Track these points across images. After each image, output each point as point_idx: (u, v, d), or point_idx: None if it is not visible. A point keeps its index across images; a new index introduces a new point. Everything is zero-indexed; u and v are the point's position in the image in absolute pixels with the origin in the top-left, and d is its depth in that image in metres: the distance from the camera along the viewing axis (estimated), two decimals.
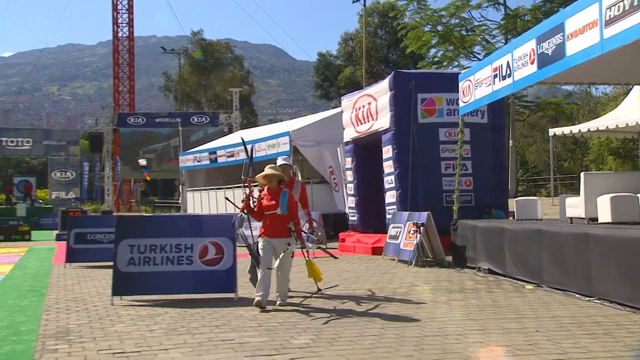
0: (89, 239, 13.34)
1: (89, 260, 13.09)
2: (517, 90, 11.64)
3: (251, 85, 63.88)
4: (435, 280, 9.95)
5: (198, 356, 5.04)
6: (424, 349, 5.27)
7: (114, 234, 8.40)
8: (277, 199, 7.45)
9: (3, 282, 10.50)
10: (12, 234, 23.09)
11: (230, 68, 60.29)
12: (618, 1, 7.37)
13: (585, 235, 8.17)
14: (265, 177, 7.58)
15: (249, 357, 5.01)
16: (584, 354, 5.01)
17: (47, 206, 36.47)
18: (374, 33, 53.29)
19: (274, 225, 7.43)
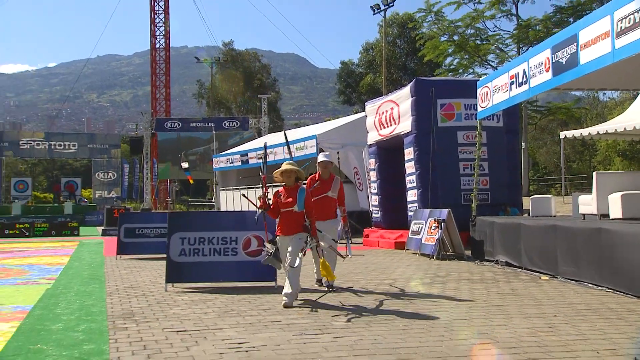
0: (137, 234, 13.56)
1: (137, 252, 13.32)
2: (532, 96, 11.73)
3: (277, 92, 63.84)
4: (456, 272, 9.94)
5: (252, 334, 5.25)
6: (453, 330, 5.43)
7: (167, 228, 8.62)
8: (295, 196, 6.86)
9: (65, 272, 10.68)
10: (63, 230, 23.44)
11: (258, 76, 60.32)
12: (629, 14, 7.39)
13: (598, 230, 8.15)
14: (283, 173, 6.96)
15: (297, 336, 5.25)
16: (600, 335, 5.11)
17: (91, 204, 37.00)
18: (393, 43, 53.02)
19: (290, 222, 6.89)
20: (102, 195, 39.60)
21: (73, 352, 4.70)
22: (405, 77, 50.68)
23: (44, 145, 37.45)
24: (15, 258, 13.50)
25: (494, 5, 28.47)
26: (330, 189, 8.07)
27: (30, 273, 10.46)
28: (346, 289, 7.98)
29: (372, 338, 5.10)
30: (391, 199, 16.82)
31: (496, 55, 29.63)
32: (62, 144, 38.34)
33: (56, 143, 38.17)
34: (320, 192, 7.99)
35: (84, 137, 40.42)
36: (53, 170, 73.88)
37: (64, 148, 38.38)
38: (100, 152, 39.40)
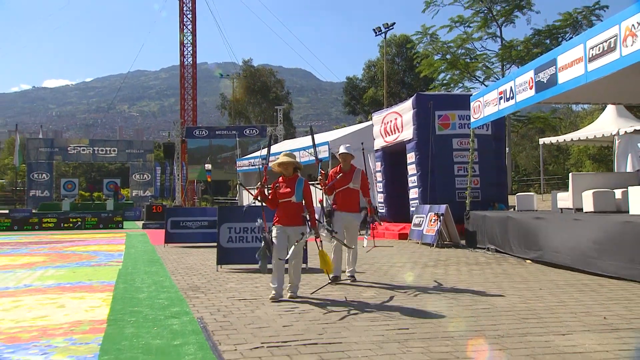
0: (181, 225, 13.66)
1: (181, 241, 13.50)
2: (518, 109, 12.03)
3: (290, 103, 63.95)
4: (454, 257, 10.17)
5: (300, 303, 5.74)
6: (458, 299, 5.88)
7: (217, 220, 9.07)
8: (293, 187, 6.08)
9: (127, 256, 10.96)
10: (109, 223, 23.56)
11: (274, 89, 60.44)
12: (599, 43, 7.73)
13: (574, 221, 8.43)
14: (281, 164, 6.16)
15: (336, 301, 5.79)
16: (577, 302, 5.58)
17: (129, 202, 37.36)
18: (392, 60, 52.86)
19: (289, 213, 6.07)
20: (138, 194, 39.88)
21: (164, 312, 5.26)
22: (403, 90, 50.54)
23: (88, 150, 37.84)
24: (80, 246, 13.83)
25: (481, 29, 28.50)
26: (352, 181, 7.19)
27: (98, 257, 10.80)
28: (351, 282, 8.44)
29: (399, 303, 5.65)
30: (395, 196, 16.77)
31: (483, 71, 29.59)
32: (103, 149, 38.69)
33: (99, 148, 38.53)
34: (342, 184, 7.17)
35: (122, 143, 40.81)
36: (91, 172, 74.21)
37: (106, 153, 38.73)
38: (136, 156, 39.66)
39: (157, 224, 23.47)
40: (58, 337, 4.29)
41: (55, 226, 22.59)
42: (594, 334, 4.30)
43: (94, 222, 23.49)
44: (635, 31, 6.98)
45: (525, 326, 4.60)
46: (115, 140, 42.07)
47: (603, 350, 3.85)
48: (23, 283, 7.24)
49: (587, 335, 4.27)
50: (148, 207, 26.54)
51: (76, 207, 31.47)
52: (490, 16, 28.22)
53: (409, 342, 4.14)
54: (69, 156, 38.06)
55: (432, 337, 4.26)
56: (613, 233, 7.38)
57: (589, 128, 19.35)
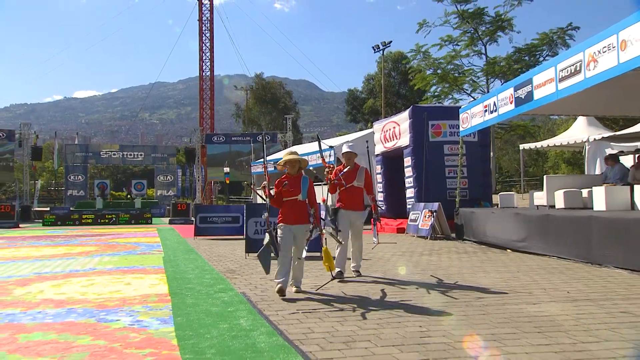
0: (209, 221, 14.05)
1: (209, 234, 13.82)
2: (500, 121, 12.39)
3: (297, 112, 64.45)
4: (446, 247, 10.57)
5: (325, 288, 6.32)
6: (450, 279, 6.44)
7: (245, 215, 9.61)
8: (298, 185, 5.53)
9: (164, 247, 11.30)
10: (140, 219, 23.83)
11: (283, 100, 61.00)
12: (567, 67, 8.32)
13: (547, 216, 8.87)
14: (287, 163, 5.61)
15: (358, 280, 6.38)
16: (547, 282, 6.13)
17: (154, 200, 37.82)
18: (389, 74, 52.96)
19: (295, 211, 5.51)
20: (162, 194, 40.35)
21: (213, 288, 5.85)
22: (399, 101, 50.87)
23: (118, 154, 38.34)
24: (121, 238, 14.30)
25: (468, 47, 28.67)
26: (356, 179, 6.63)
27: (140, 248, 11.23)
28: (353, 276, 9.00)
29: (402, 284, 6.25)
30: (393, 195, 17.03)
31: (470, 84, 29.61)
32: (132, 154, 39.15)
33: (127, 153, 38.99)
34: (346, 182, 6.62)
35: (148, 148, 41.26)
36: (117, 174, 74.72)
37: (134, 157, 39.21)
38: (161, 160, 40.05)
39: (182, 220, 23.97)
40: (136, 304, 4.92)
41: (93, 222, 23.08)
42: (558, 303, 4.91)
43: (127, 218, 23.81)
44: (596, 57, 7.56)
45: (504, 298, 5.20)
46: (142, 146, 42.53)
47: (564, 314, 4.46)
48: (88, 267, 7.85)
49: (552, 304, 4.87)
50: (174, 205, 26.93)
51: (108, 205, 31.93)
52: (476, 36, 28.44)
53: (412, 309, 4.75)
54: (101, 160, 38.61)
55: (429, 305, 4.87)
56: (578, 225, 7.88)
57: (563, 135, 19.84)
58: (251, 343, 3.58)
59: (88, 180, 38.11)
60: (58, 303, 5.02)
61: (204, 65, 47.17)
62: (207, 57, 46.97)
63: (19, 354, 3.37)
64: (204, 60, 46.82)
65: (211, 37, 47.53)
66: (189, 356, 3.28)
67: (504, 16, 27.48)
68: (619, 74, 7.07)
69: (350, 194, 6.64)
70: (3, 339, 3.75)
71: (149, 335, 3.79)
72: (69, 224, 22.45)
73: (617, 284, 5.86)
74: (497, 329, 3.95)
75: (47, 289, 5.85)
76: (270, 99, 59.28)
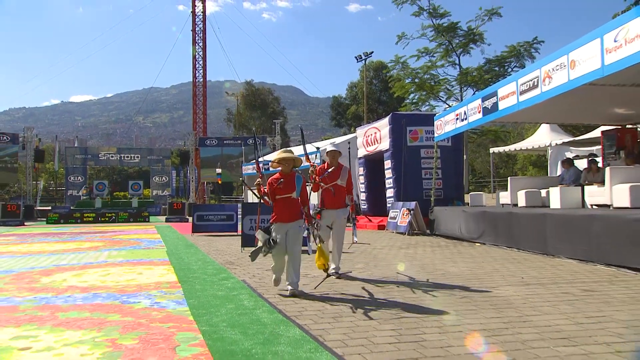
0: (205, 218, 14.28)
1: (205, 231, 14.03)
2: (470, 128, 12.79)
3: (285, 117, 64.72)
4: (422, 242, 11.00)
5: (311, 270, 6.81)
6: (423, 269, 6.92)
7: (241, 213, 10.06)
8: (292, 183, 5.24)
9: (166, 242, 11.51)
10: (138, 217, 23.77)
11: (271, 105, 61.22)
12: (526, 81, 8.90)
13: (510, 213, 9.39)
14: (281, 161, 5.29)
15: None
16: (507, 270, 6.65)
17: (150, 200, 37.88)
18: (371, 82, 53.31)
19: (289, 209, 5.20)
20: (157, 194, 40.36)
21: (216, 277, 6.29)
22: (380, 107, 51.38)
23: (116, 156, 38.31)
24: (124, 235, 14.50)
25: (443, 58, 29.33)
26: (339, 177, 6.34)
27: (143, 243, 11.46)
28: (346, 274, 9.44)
29: (381, 274, 6.75)
30: (374, 195, 17.34)
31: (445, 92, 30.21)
32: (129, 156, 39.11)
33: (125, 155, 38.93)
34: (331, 181, 6.31)
35: (145, 150, 41.26)
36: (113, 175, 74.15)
37: (131, 159, 39.17)
38: (156, 161, 40.04)
39: (178, 218, 24.21)
40: (152, 290, 5.35)
41: (94, 220, 23.20)
42: (513, 287, 5.46)
43: (125, 217, 23.79)
44: (550, 74, 8.15)
45: (468, 283, 5.74)
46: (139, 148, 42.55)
47: (516, 295, 5.01)
48: (100, 260, 8.22)
49: (508, 288, 5.42)
50: (170, 204, 27.12)
51: (107, 204, 31.91)
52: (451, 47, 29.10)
53: (390, 292, 5.26)
54: (99, 161, 38.56)
55: (405, 289, 5.39)
56: (536, 221, 8.44)
57: (529, 140, 20.49)
58: (255, 318, 4.05)
59: (87, 180, 38.03)
60: (83, 289, 5.44)
61: (197, 73, 47.27)
62: (200, 64, 47.13)
63: (62, 327, 3.80)
64: (197, 68, 46.93)
65: (204, 46, 47.69)
66: (205, 328, 3.74)
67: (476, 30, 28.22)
68: (569, 89, 7.68)
69: (334, 191, 6.31)
70: (46, 316, 4.17)
71: (168, 314, 4.25)
72: (71, 222, 22.57)
73: (565, 272, 6.44)
74: (460, 307, 4.48)
75: (70, 278, 6.25)
76: (259, 105, 59.53)
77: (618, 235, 6.51)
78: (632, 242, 6.27)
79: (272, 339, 3.46)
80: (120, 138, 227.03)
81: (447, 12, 28.49)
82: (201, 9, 47.92)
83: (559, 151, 17.78)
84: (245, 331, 3.65)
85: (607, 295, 4.87)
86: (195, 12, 47.82)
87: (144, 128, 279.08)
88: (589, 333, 3.53)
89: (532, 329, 3.68)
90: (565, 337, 3.42)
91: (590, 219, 7.04)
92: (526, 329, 3.68)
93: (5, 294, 5.22)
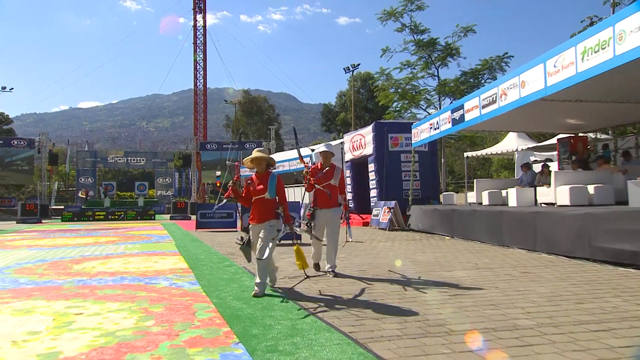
0: (207, 216, 14.98)
1: (208, 228, 14.71)
2: (441, 136, 13.20)
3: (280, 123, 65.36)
4: (400, 236, 11.61)
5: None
6: (398, 257, 7.57)
7: (241, 210, 10.67)
8: (266, 183, 4.84)
9: (173, 237, 12.06)
10: (145, 215, 24.49)
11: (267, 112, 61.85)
12: (487, 97, 9.70)
13: (474, 211, 10.04)
14: (254, 160, 4.93)
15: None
16: (464, 258, 7.32)
17: (154, 199, 38.33)
18: (358, 91, 53.85)
19: (262, 210, 4.85)
20: (161, 194, 40.84)
21: (221, 264, 6.94)
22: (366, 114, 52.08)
23: (124, 159, 38.79)
24: (134, 231, 15.07)
25: (423, 70, 29.77)
26: (333, 177, 6.02)
27: (153, 238, 12.04)
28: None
29: (364, 261, 7.44)
30: (360, 195, 17.72)
31: (425, 101, 30.74)
32: (135, 159, 39.58)
33: (131, 158, 39.39)
34: (324, 181, 5.99)
35: (150, 154, 41.64)
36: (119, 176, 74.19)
37: (137, 162, 39.65)
38: (160, 164, 40.50)
39: (181, 216, 24.82)
40: (168, 274, 6.02)
41: (105, 218, 23.78)
42: (466, 270, 6.18)
43: (133, 215, 24.49)
44: (506, 92, 8.92)
45: (430, 268, 6.46)
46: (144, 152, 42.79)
47: (466, 276, 5.73)
48: (119, 251, 8.85)
49: (462, 271, 6.14)
50: (174, 203, 27.72)
51: (114, 204, 32.40)
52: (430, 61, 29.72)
53: (364, 276, 5.97)
54: (108, 164, 39.00)
55: (378, 271, 6.09)
56: (494, 218, 9.16)
57: (499, 145, 21.28)
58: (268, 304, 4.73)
59: (97, 181, 38.43)
60: (111, 274, 6.09)
61: (198, 82, 47.75)
62: (201, 74, 47.61)
63: (102, 300, 4.47)
64: (197, 77, 47.41)
65: (204, 56, 48.19)
66: (216, 300, 4.42)
67: (453, 45, 28.93)
68: (520, 105, 8.45)
69: (327, 192, 5.94)
70: (87, 293, 4.84)
71: (184, 291, 4.93)
72: (84, 219, 23.09)
73: (513, 259, 7.19)
74: (420, 286, 5.19)
75: (97, 265, 6.89)
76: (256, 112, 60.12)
77: (557, 228, 7.27)
78: (567, 234, 7.04)
79: (269, 307, 4.16)
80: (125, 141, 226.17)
81: (427, 29, 29.15)
82: (201, 23, 48.43)
83: (524, 155, 18.62)
84: (247, 302, 4.35)
85: (538, 276, 5.62)
86: (196, 25, 48.33)
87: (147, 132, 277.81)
88: (512, 301, 4.26)
89: (470, 298, 4.41)
90: (493, 304, 4.15)
91: (536, 215, 7.79)
92: (466, 298, 4.40)
93: (47, 277, 5.87)
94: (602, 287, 4.88)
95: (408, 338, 3.18)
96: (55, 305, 4.26)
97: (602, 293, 4.56)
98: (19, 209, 22.75)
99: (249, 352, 2.91)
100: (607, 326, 3.39)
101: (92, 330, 3.41)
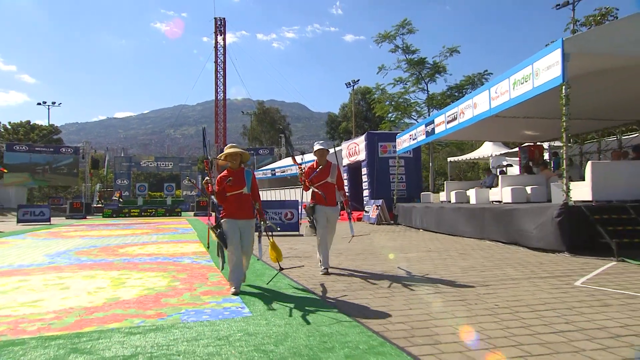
0: None
1: None
2: (418, 146, 13.77)
3: (290, 131, 66.39)
4: (385, 229, 12.36)
5: (301, 244, 8.52)
6: (383, 247, 8.47)
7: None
8: (242, 179, 4.45)
9: (196, 230, 12.96)
10: (172, 213, 25.32)
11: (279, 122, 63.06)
12: (450, 114, 10.67)
13: (442, 208, 10.82)
14: (228, 156, 4.49)
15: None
16: (425, 244, 8.24)
17: (180, 199, 39.57)
18: (358, 103, 54.60)
19: (240, 205, 4.42)
20: (187, 194, 41.99)
21: None
22: (366, 124, 52.72)
23: (154, 164, 40.13)
24: (164, 225, 16.02)
25: (414, 85, 30.74)
26: (329, 175, 5.52)
27: (179, 230, 12.95)
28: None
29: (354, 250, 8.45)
30: (355, 195, 18.34)
31: (416, 112, 31.74)
32: (164, 163, 40.89)
33: (161, 162, 40.72)
34: (320, 179, 5.49)
35: (177, 159, 42.93)
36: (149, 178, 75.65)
37: (165, 166, 41.01)
38: (186, 168, 41.81)
39: (204, 213, 25.78)
40: (191, 255, 7.12)
41: (139, 214, 24.94)
42: (419, 252, 7.15)
43: (163, 212, 25.54)
44: (464, 110, 9.89)
45: (393, 251, 7.45)
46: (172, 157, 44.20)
47: (416, 256, 6.72)
48: (152, 240, 9.97)
49: (415, 253, 7.11)
50: (197, 202, 28.70)
51: (146, 202, 33.59)
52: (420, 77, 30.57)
53: (347, 258, 6.99)
54: (141, 168, 40.38)
55: (358, 256, 7.10)
56: (455, 213, 10.01)
57: (477, 151, 22.05)
58: (260, 273, 5.78)
59: (131, 183, 39.83)
60: (148, 255, 7.21)
61: (218, 95, 49.00)
62: (221, 88, 48.85)
63: (143, 271, 5.58)
64: (217, 91, 48.66)
65: (224, 74, 49.43)
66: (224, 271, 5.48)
67: (440, 64, 29.82)
68: (473, 122, 9.41)
69: (324, 190, 5.44)
70: (132, 267, 5.96)
71: (202, 265, 6.01)
72: (121, 216, 24.27)
73: (460, 245, 8.14)
74: (384, 264, 6.18)
75: (136, 249, 8.02)
76: (269, 121, 61.26)
77: (495, 220, 8.23)
78: (500, 224, 7.99)
79: (261, 274, 5.21)
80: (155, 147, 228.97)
81: (417, 49, 30.10)
82: (222, 43, 49.70)
83: (497, 160, 19.46)
84: (251, 275, 5.41)
85: (469, 255, 6.60)
86: (217, 45, 49.63)
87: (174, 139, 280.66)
88: (437, 271, 5.27)
89: (407, 271, 5.42)
90: (423, 274, 5.16)
91: (483, 210, 8.74)
92: (403, 271, 5.41)
93: (101, 256, 7.01)
94: (508, 262, 5.86)
95: (350, 291, 4.22)
96: (110, 274, 5.37)
97: (504, 265, 5.55)
98: (67, 207, 24.04)
99: (241, 299, 3.98)
100: (492, 289, 4.38)
101: (138, 287, 4.50)
